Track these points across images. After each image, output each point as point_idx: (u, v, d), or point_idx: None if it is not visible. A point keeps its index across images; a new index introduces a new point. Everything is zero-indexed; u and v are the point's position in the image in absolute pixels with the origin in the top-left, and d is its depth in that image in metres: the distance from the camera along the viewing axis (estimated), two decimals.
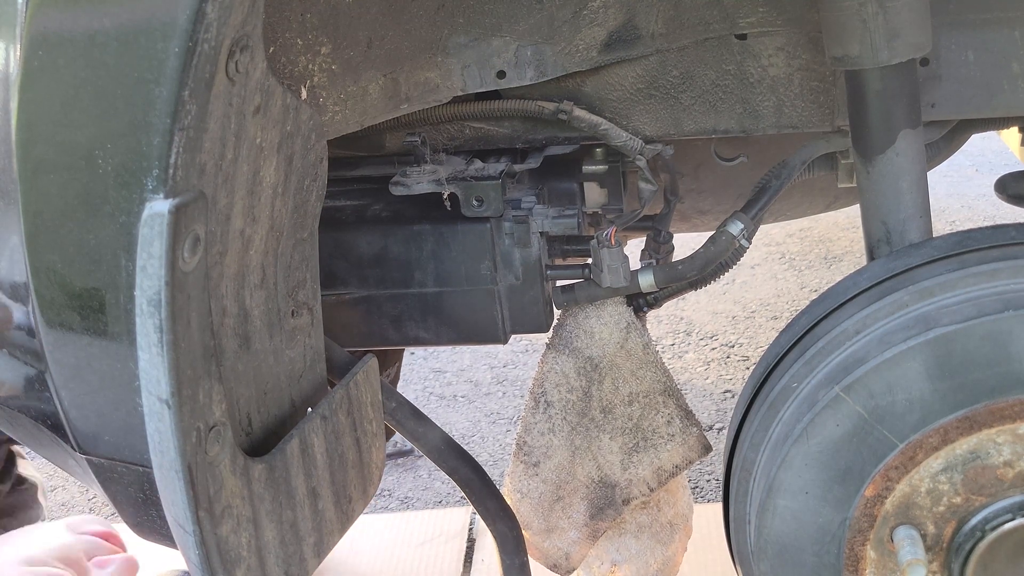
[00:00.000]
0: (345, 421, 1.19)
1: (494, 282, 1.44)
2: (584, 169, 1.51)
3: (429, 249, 1.44)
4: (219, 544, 0.97)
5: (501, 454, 2.81)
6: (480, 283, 1.45)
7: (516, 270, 1.45)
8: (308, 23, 1.14)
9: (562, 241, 1.51)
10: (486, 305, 1.46)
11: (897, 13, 1.23)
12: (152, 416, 0.90)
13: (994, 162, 4.23)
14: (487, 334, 1.49)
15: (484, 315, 1.47)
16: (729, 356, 3.16)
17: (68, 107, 0.91)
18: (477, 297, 1.45)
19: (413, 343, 1.52)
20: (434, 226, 1.44)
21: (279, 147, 1.04)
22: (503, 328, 1.48)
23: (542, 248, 1.45)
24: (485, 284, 1.44)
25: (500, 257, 1.44)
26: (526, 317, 1.48)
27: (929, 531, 1.21)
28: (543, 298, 1.47)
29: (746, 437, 1.31)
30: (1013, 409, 1.14)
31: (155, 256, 0.87)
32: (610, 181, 1.51)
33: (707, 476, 2.65)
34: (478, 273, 1.44)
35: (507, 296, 1.46)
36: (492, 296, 1.45)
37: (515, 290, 1.46)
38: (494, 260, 1.43)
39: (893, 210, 1.32)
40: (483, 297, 1.45)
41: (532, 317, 1.48)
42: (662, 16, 1.39)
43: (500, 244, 1.43)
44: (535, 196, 1.46)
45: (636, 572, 1.66)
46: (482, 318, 1.47)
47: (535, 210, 1.44)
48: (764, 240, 3.79)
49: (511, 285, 1.45)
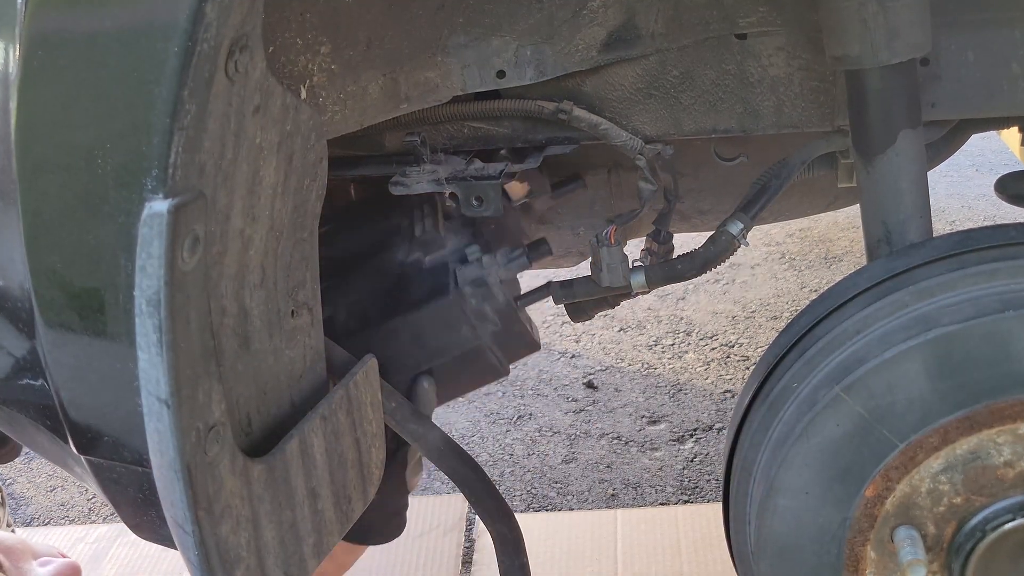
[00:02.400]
0: (345, 421, 1.19)
1: (478, 338, 1.50)
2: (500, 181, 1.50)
3: (407, 340, 1.50)
4: (218, 544, 0.97)
5: (501, 454, 2.81)
6: (466, 345, 1.51)
7: (492, 320, 1.51)
8: (308, 23, 1.14)
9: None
10: (479, 358, 1.52)
11: (897, 13, 1.23)
12: (151, 416, 0.90)
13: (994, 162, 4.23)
14: (490, 375, 1.57)
15: (481, 365, 1.53)
16: (729, 356, 3.16)
17: (68, 107, 0.91)
18: (469, 356, 1.52)
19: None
20: (404, 317, 1.49)
21: (279, 147, 1.03)
22: (501, 365, 1.55)
23: (506, 292, 1.50)
24: (471, 344, 1.50)
25: (474, 317, 1.49)
26: (517, 347, 1.55)
27: (929, 531, 1.20)
28: (525, 326, 1.54)
29: (746, 437, 1.31)
30: (1013, 409, 1.14)
31: (154, 256, 0.87)
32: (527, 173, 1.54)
33: (707, 476, 2.65)
34: (461, 338, 1.50)
35: (494, 342, 1.52)
36: (481, 350, 1.51)
37: (499, 334, 1.51)
38: (470, 323, 1.49)
39: (893, 210, 1.32)
40: (474, 354, 1.52)
41: (522, 345, 1.55)
42: (662, 16, 1.38)
43: (467, 306, 1.48)
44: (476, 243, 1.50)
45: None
46: (480, 367, 1.54)
47: (485, 263, 1.48)
48: (764, 240, 3.79)
49: (493, 332, 1.51)
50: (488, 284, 1.48)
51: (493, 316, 1.50)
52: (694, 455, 2.73)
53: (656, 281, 1.47)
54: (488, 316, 1.50)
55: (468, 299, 1.48)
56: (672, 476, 2.65)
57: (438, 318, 1.49)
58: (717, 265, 1.46)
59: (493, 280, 1.49)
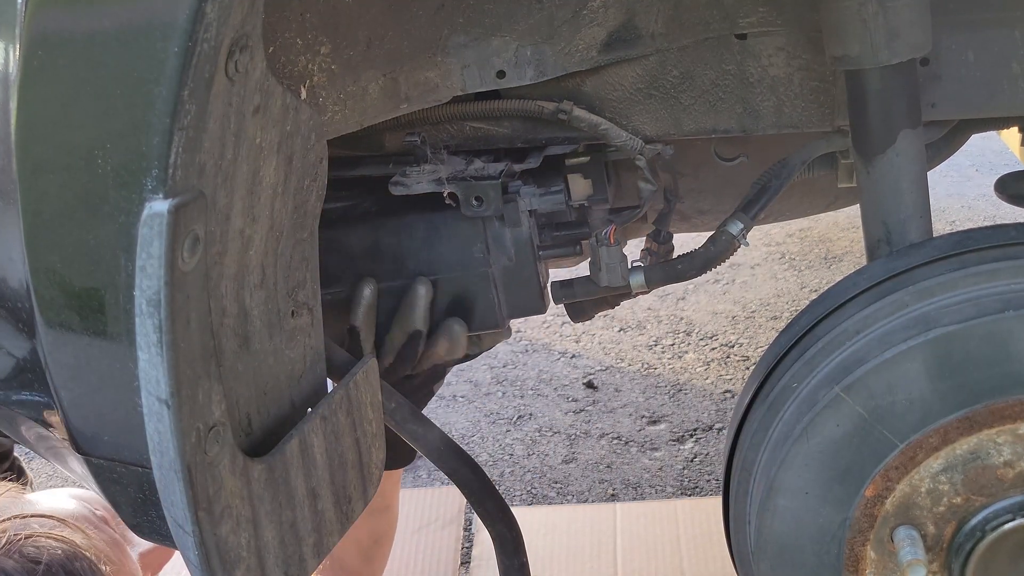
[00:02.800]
0: (345, 421, 1.19)
1: (488, 264, 1.45)
2: (567, 161, 1.51)
3: (420, 237, 1.45)
4: (218, 544, 0.97)
5: (501, 454, 2.81)
6: (474, 267, 1.45)
7: (508, 251, 1.45)
8: (308, 23, 1.14)
9: (552, 227, 1.51)
10: (482, 289, 1.46)
11: (897, 13, 1.23)
12: (151, 416, 0.90)
13: (994, 162, 4.23)
14: (485, 320, 1.49)
15: (480, 299, 1.47)
16: (729, 356, 3.16)
17: (68, 107, 0.91)
18: (472, 281, 1.46)
19: None
20: (423, 214, 1.44)
21: (279, 147, 1.03)
22: (500, 313, 1.48)
23: (532, 227, 1.45)
24: (479, 267, 1.45)
25: (492, 239, 1.44)
26: (522, 299, 1.48)
27: (929, 531, 1.20)
28: (538, 278, 1.48)
29: (746, 437, 1.31)
30: (1013, 409, 1.14)
31: (154, 256, 0.87)
32: (594, 172, 1.51)
33: (707, 476, 2.65)
34: (471, 257, 1.45)
35: (502, 279, 1.46)
36: (487, 279, 1.45)
37: (509, 272, 1.46)
38: (486, 242, 1.44)
39: (893, 210, 1.32)
40: (478, 281, 1.45)
41: (528, 299, 1.48)
42: (662, 16, 1.38)
43: (491, 226, 1.44)
44: (521, 180, 1.46)
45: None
46: (479, 303, 1.47)
47: (522, 190, 1.44)
48: (764, 240, 3.79)
49: (505, 267, 1.46)
50: (517, 204, 1.43)
51: (510, 247, 1.45)
52: (694, 455, 2.73)
53: (656, 281, 1.47)
54: (506, 245, 1.45)
55: (492, 218, 1.43)
56: (672, 476, 2.65)
57: (455, 225, 1.43)
58: (717, 265, 1.46)
59: (523, 205, 1.44)
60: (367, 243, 1.46)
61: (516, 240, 1.45)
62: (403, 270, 1.46)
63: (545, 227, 1.51)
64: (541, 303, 1.50)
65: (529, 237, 1.45)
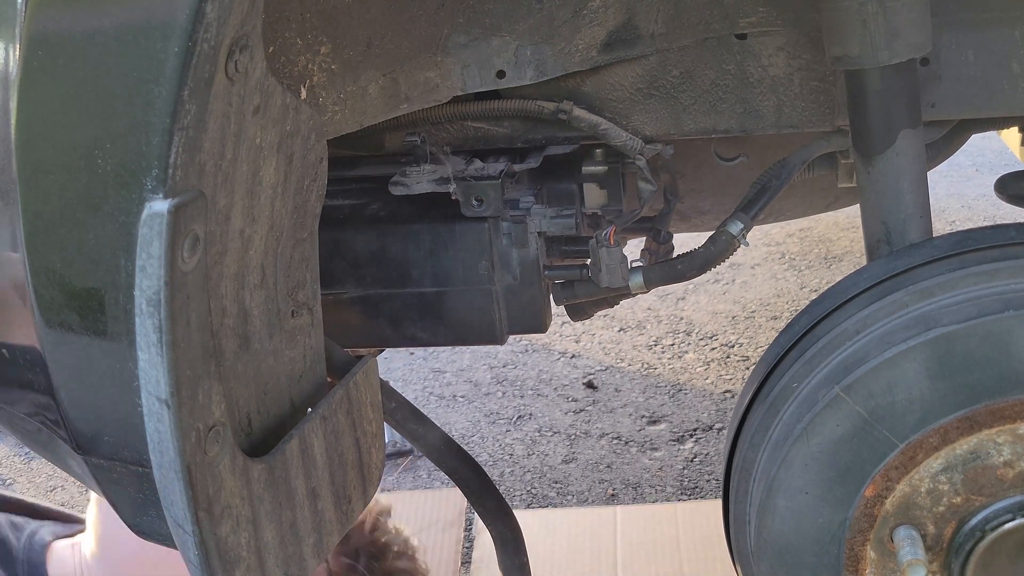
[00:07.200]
0: (345, 421, 1.19)
1: (492, 282, 1.44)
2: (584, 170, 1.51)
3: (426, 248, 1.44)
4: (218, 544, 0.97)
5: (501, 454, 2.82)
6: (478, 283, 1.44)
7: (514, 270, 1.44)
8: (308, 23, 1.14)
9: (561, 242, 1.50)
10: (484, 305, 1.45)
11: (897, 13, 1.23)
12: (151, 416, 0.90)
13: (994, 162, 4.23)
14: (484, 334, 1.48)
15: (481, 315, 1.46)
16: (729, 356, 3.16)
17: (68, 107, 0.91)
18: (475, 297, 1.45)
19: (410, 343, 1.51)
20: (431, 225, 1.43)
21: (279, 147, 1.03)
22: (500, 328, 1.47)
23: (540, 248, 1.44)
24: (483, 284, 1.44)
25: (498, 257, 1.43)
26: (524, 317, 1.47)
27: (929, 531, 1.20)
28: (541, 298, 1.47)
29: (746, 437, 1.31)
30: (1013, 409, 1.14)
31: (154, 256, 0.87)
32: (610, 182, 1.51)
33: (707, 476, 2.65)
34: (476, 273, 1.44)
35: (505, 296, 1.45)
36: (490, 296, 1.44)
37: (513, 290, 1.45)
38: (491, 260, 1.43)
39: (893, 210, 1.32)
40: (481, 297, 1.45)
41: (530, 317, 1.47)
42: (662, 16, 1.38)
43: (498, 244, 1.43)
44: (533, 196, 1.45)
45: None
46: (479, 318, 1.46)
47: (533, 210, 1.43)
48: (764, 240, 3.80)
49: (509, 285, 1.45)
50: (526, 225, 1.42)
51: (516, 267, 1.44)
52: (694, 455, 2.73)
53: (655, 281, 1.47)
54: (511, 264, 1.44)
55: (501, 234, 1.42)
56: (672, 476, 2.65)
57: (463, 238, 1.43)
58: (717, 265, 1.46)
59: (533, 226, 1.43)
60: (373, 248, 1.46)
61: (522, 261, 1.44)
62: (408, 279, 1.46)
63: (554, 241, 1.50)
64: (543, 323, 1.49)
65: (536, 258, 1.44)
